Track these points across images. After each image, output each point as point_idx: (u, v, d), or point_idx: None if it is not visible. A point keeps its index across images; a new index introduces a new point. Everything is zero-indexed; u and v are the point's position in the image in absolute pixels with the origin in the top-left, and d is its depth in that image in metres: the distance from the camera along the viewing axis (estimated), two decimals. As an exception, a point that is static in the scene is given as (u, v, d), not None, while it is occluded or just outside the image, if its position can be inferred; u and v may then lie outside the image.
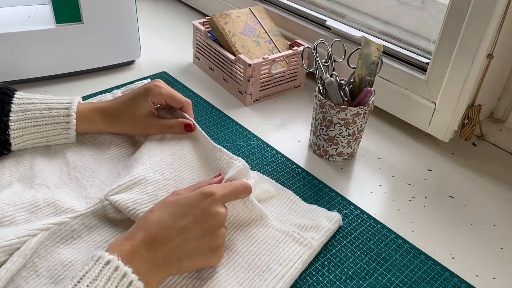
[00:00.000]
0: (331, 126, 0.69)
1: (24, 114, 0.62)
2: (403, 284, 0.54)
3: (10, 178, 0.60)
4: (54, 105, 0.64)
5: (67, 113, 0.64)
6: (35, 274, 0.49)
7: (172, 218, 0.48)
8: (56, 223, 0.53)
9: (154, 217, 0.48)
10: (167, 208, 0.49)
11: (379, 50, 0.66)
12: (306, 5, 0.97)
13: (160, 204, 0.51)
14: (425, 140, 0.80)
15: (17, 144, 0.62)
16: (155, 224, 0.48)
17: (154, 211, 0.49)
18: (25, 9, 0.87)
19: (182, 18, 1.19)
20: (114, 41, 0.89)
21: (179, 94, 0.68)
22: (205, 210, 0.49)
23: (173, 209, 0.49)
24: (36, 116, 0.63)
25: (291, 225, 0.58)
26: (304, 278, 0.54)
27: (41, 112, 0.63)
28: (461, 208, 0.67)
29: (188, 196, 0.50)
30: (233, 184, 0.53)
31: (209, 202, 0.49)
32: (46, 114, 0.63)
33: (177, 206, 0.49)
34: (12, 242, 0.49)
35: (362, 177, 0.71)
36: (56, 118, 0.63)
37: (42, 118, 0.63)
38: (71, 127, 0.64)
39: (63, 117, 0.64)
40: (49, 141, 0.65)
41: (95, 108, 0.66)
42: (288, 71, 0.88)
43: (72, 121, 0.64)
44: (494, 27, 0.65)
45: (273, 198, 0.63)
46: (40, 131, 0.63)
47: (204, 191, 0.50)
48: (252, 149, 0.74)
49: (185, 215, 0.48)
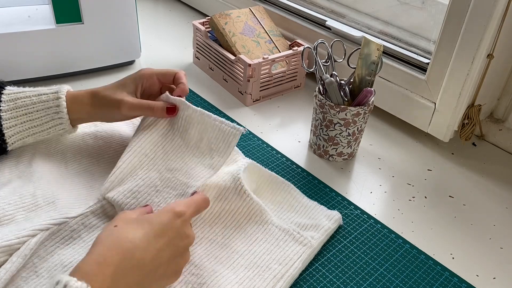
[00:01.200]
0: (331, 126, 0.69)
1: (14, 103, 0.61)
2: (403, 284, 0.54)
3: (10, 176, 0.60)
4: (44, 90, 0.63)
5: (56, 96, 0.62)
6: (35, 274, 0.49)
7: (146, 239, 0.44)
8: (55, 223, 0.53)
9: (125, 235, 0.44)
10: (138, 227, 0.45)
11: (379, 50, 0.66)
12: (306, 5, 0.97)
13: (124, 220, 0.46)
14: (425, 140, 0.80)
15: (11, 136, 0.61)
16: (129, 245, 0.43)
17: (121, 228, 0.45)
18: (25, 9, 0.87)
19: (182, 18, 1.19)
20: (114, 41, 0.89)
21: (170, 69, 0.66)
22: (178, 232, 0.47)
23: (145, 229, 0.45)
24: (26, 103, 0.62)
25: (291, 224, 0.58)
26: (304, 278, 0.54)
27: (31, 99, 0.62)
28: (461, 208, 0.67)
29: (159, 215, 0.47)
30: (195, 200, 0.51)
31: (180, 223, 0.47)
32: (36, 100, 0.62)
33: (149, 226, 0.45)
34: (12, 243, 0.49)
35: (362, 177, 0.71)
36: (46, 103, 0.62)
37: (33, 105, 0.62)
38: (62, 110, 0.62)
39: (53, 100, 0.62)
40: (44, 129, 0.63)
41: (85, 91, 0.65)
42: (288, 71, 0.88)
43: (62, 104, 0.62)
44: (494, 27, 0.65)
45: (273, 193, 0.63)
46: (32, 118, 0.62)
47: (175, 211, 0.47)
48: (252, 149, 0.74)
49: (159, 236, 0.45)
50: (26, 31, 0.81)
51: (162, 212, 0.47)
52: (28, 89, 0.63)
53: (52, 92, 0.63)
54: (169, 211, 0.47)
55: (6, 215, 0.53)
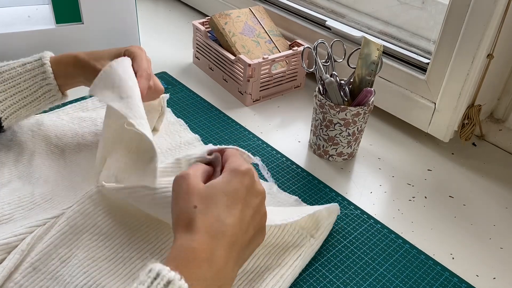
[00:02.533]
0: (331, 126, 0.69)
1: (0, 76, 0.62)
2: (403, 284, 0.54)
3: (10, 177, 0.60)
4: (27, 59, 0.63)
5: (41, 62, 0.63)
6: (33, 270, 0.49)
7: (230, 211, 0.42)
8: (51, 218, 0.53)
9: (211, 214, 0.42)
10: (217, 200, 0.43)
11: (379, 50, 0.66)
12: (306, 5, 0.97)
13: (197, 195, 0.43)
14: (425, 140, 0.80)
15: (4, 110, 0.61)
16: (220, 224, 0.41)
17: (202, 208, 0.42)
18: (25, 9, 0.88)
19: (182, 18, 1.19)
20: (114, 41, 0.89)
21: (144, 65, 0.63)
22: (251, 191, 0.45)
23: (223, 200, 0.43)
24: (12, 75, 0.62)
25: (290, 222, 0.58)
26: (304, 278, 0.54)
27: (16, 70, 0.62)
28: (461, 208, 0.67)
29: (230, 182, 0.44)
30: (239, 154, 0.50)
31: (249, 180, 0.45)
32: (21, 70, 0.62)
33: (225, 195, 0.43)
34: (10, 241, 0.49)
35: (362, 177, 0.71)
36: (32, 72, 0.63)
37: (19, 76, 0.62)
38: (48, 76, 0.63)
39: (38, 68, 0.63)
40: (34, 99, 0.63)
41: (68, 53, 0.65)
42: (288, 71, 0.88)
43: (48, 69, 0.63)
44: (494, 27, 0.65)
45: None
46: (21, 89, 0.62)
47: (241, 170, 0.45)
48: (252, 149, 0.74)
49: (235, 203, 0.43)
50: (26, 31, 0.81)
51: (229, 176, 0.45)
52: (12, 61, 0.63)
53: (36, 59, 0.63)
54: (236, 173, 0.45)
55: (5, 214, 0.53)
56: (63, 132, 0.69)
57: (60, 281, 0.48)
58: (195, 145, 0.71)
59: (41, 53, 0.64)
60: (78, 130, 0.70)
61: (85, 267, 0.49)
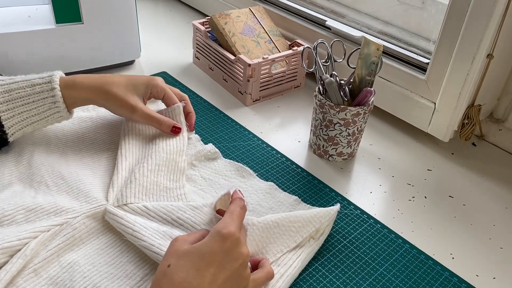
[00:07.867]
0: (331, 126, 0.69)
1: (9, 94, 0.61)
2: (403, 284, 0.54)
3: (10, 178, 0.60)
4: (37, 80, 0.63)
5: (51, 86, 0.62)
6: (35, 275, 0.49)
7: (199, 273, 0.43)
8: (57, 224, 0.53)
9: (179, 275, 0.43)
10: (188, 261, 0.44)
11: (379, 50, 0.66)
12: (306, 5, 0.97)
13: (175, 255, 0.45)
14: (425, 140, 0.80)
15: (11, 127, 0.62)
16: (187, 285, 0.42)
17: (174, 267, 0.44)
18: (25, 9, 0.87)
19: (182, 18, 1.19)
20: (114, 41, 0.89)
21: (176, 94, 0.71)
22: (230, 255, 0.45)
23: (195, 262, 0.44)
24: (21, 95, 0.62)
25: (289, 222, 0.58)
26: (304, 278, 0.54)
27: (25, 90, 0.62)
28: (461, 208, 0.67)
29: (209, 243, 0.45)
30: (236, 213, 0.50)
31: (231, 244, 0.45)
32: (31, 91, 0.62)
33: (198, 257, 0.44)
34: (13, 244, 0.49)
35: (362, 177, 0.71)
36: (41, 94, 0.62)
37: (28, 97, 0.62)
38: (57, 100, 0.63)
39: (47, 91, 0.62)
40: (42, 118, 0.64)
41: (89, 79, 0.65)
42: (288, 71, 0.88)
43: (57, 94, 0.62)
44: (494, 27, 0.65)
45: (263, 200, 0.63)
46: (29, 109, 0.62)
47: (222, 233, 0.46)
48: (252, 149, 0.74)
49: (208, 265, 0.44)
50: (26, 31, 0.81)
51: (211, 238, 0.46)
52: (20, 79, 0.63)
53: (45, 82, 0.63)
54: (217, 235, 0.46)
55: (6, 215, 0.53)
56: (63, 132, 0.69)
57: (62, 286, 0.49)
58: (195, 145, 0.71)
59: (50, 73, 0.64)
60: (78, 130, 0.70)
61: (85, 272, 0.50)
